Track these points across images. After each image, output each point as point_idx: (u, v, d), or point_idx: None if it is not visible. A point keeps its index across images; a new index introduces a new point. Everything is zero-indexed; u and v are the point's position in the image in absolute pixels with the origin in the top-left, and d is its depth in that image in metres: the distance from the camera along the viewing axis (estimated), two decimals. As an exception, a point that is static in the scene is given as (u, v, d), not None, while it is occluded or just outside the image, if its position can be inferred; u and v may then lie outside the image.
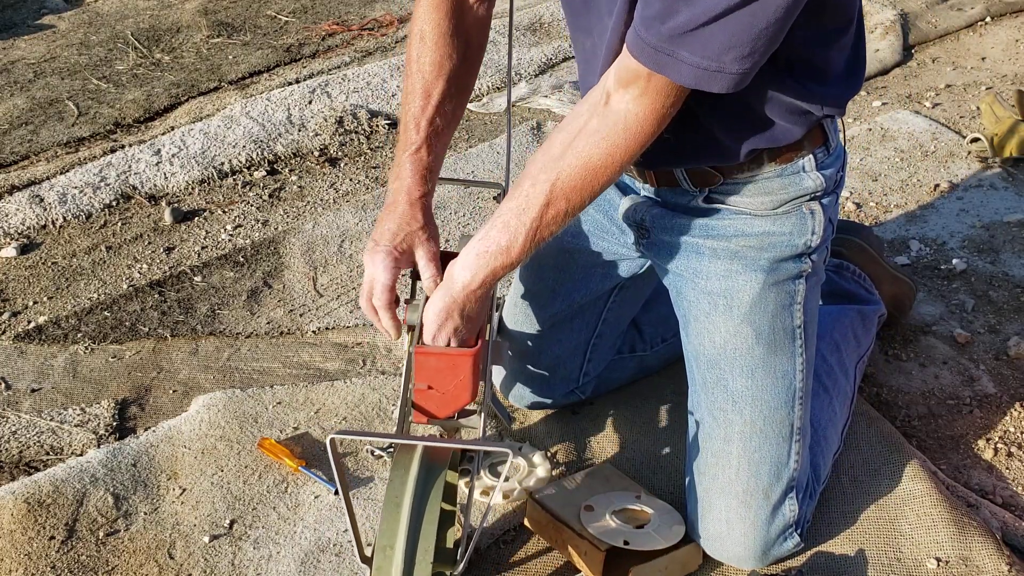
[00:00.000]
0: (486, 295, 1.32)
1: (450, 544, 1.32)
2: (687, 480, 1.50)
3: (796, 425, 1.45)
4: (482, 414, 1.41)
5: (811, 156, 1.41)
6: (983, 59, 3.20)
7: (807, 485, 1.50)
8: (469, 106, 2.98)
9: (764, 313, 1.43)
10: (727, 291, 1.44)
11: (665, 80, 1.18)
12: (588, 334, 1.70)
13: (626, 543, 1.41)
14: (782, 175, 1.41)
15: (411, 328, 1.36)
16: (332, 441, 1.20)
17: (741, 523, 1.42)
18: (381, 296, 1.35)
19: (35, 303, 2.14)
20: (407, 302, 1.43)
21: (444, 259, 1.40)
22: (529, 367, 1.70)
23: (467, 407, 1.40)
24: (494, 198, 2.43)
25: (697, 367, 1.48)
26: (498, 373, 1.75)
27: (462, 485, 1.61)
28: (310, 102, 2.91)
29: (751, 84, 1.19)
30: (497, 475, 1.62)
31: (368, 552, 1.28)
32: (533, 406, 1.77)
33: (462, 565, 1.28)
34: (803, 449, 1.46)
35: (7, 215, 2.39)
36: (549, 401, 1.75)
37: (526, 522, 1.53)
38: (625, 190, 1.57)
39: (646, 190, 1.51)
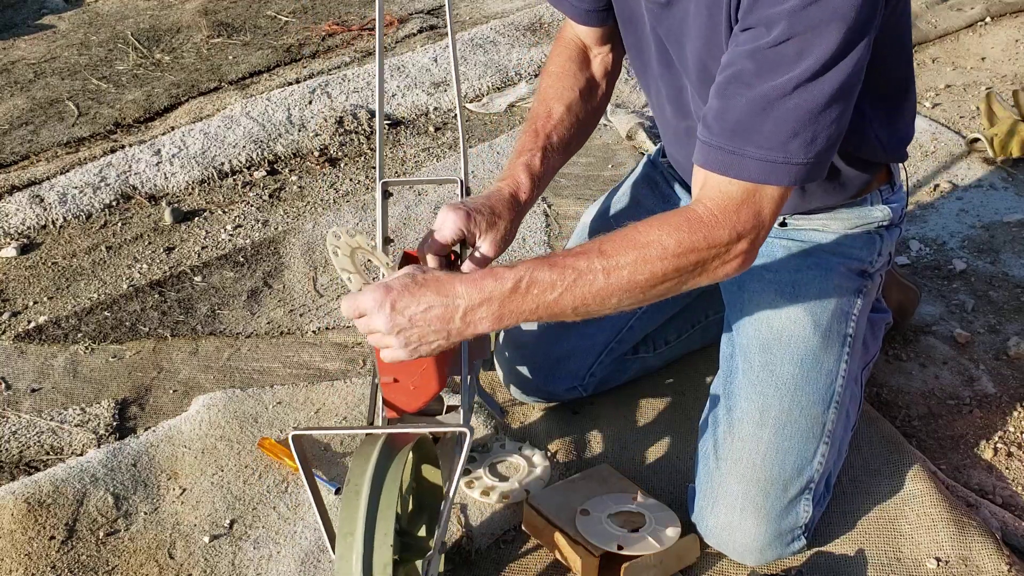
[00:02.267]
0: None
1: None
2: (700, 465, 1.50)
3: (828, 428, 1.47)
4: (460, 410, 1.40)
5: (877, 192, 1.56)
6: (983, 59, 3.20)
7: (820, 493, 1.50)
8: (469, 106, 2.99)
9: (826, 308, 1.50)
10: (796, 281, 1.51)
11: (732, 185, 1.19)
12: (610, 336, 1.71)
13: (620, 548, 1.40)
14: (851, 207, 1.55)
15: None
16: (296, 439, 1.20)
17: (755, 512, 1.42)
18: (432, 245, 1.34)
19: (35, 303, 2.14)
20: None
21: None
22: (539, 356, 1.70)
23: (452, 404, 1.41)
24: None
25: (744, 354, 1.50)
26: (497, 366, 1.76)
27: (463, 483, 1.61)
28: (310, 102, 2.91)
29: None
30: (497, 475, 1.62)
31: None
32: (534, 398, 1.76)
33: (435, 552, 1.28)
34: (828, 454, 1.47)
35: (7, 215, 2.39)
36: (551, 393, 1.74)
37: (523, 526, 1.53)
38: None
39: None
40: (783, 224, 1.58)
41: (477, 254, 1.37)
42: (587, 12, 1.52)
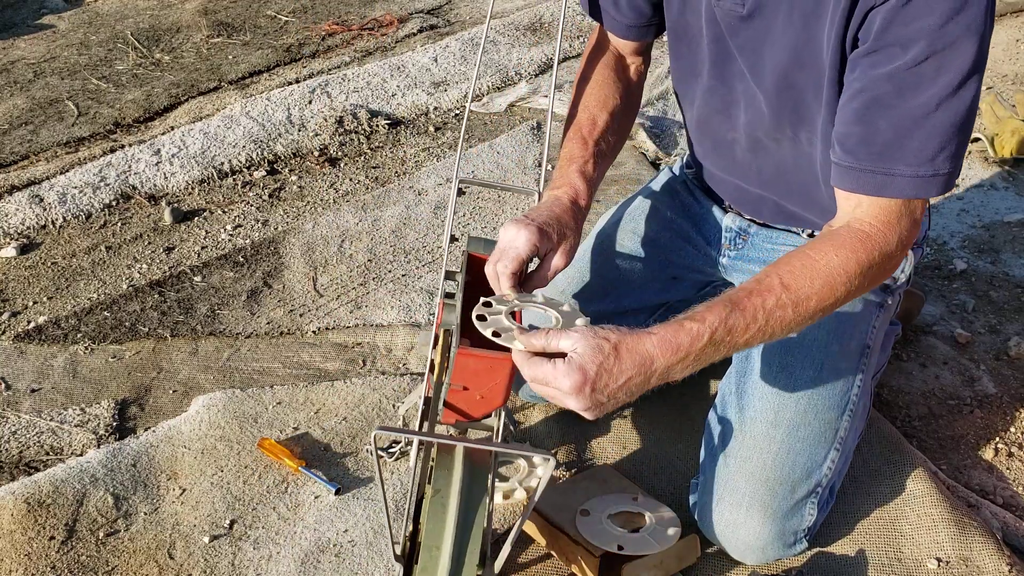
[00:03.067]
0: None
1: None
2: (706, 462, 1.50)
3: (840, 435, 1.48)
4: (501, 416, 1.41)
5: None
6: (983, 59, 3.20)
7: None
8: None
9: (849, 318, 1.51)
10: None
11: (888, 201, 1.24)
12: None
13: (620, 548, 1.40)
14: None
15: (447, 330, 1.36)
16: (375, 437, 1.17)
17: (761, 511, 1.42)
18: (509, 264, 1.29)
19: (35, 303, 2.14)
20: (445, 299, 1.43)
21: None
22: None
23: None
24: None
25: (762, 355, 1.50)
26: None
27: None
28: (310, 102, 2.91)
29: None
30: (497, 475, 1.62)
31: (397, 550, 1.28)
32: (536, 398, 1.77)
33: (497, 565, 1.28)
34: (838, 461, 1.48)
35: (7, 215, 2.39)
36: None
37: (524, 527, 1.53)
38: (727, 209, 1.67)
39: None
40: (812, 236, 1.60)
41: (550, 265, 1.35)
42: (628, 27, 1.54)
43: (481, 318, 1.22)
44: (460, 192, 1.52)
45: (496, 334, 1.18)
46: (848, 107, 1.25)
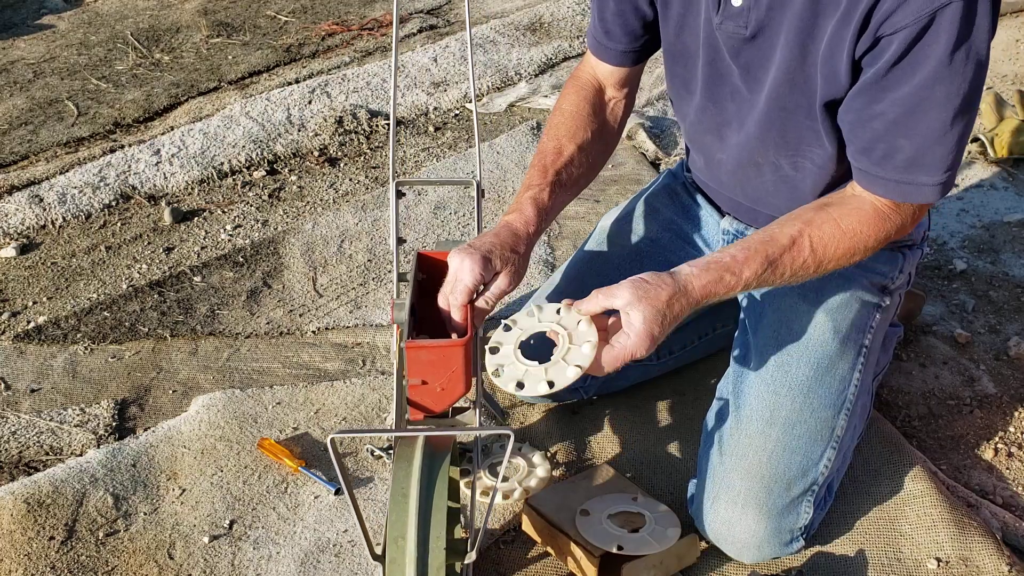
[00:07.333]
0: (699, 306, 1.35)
1: (457, 537, 1.32)
2: (703, 461, 1.51)
3: (837, 433, 1.48)
4: (477, 409, 1.41)
5: None
6: (983, 59, 3.20)
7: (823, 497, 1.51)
8: (469, 105, 2.99)
9: (846, 316, 1.53)
10: (819, 287, 1.54)
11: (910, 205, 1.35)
12: None
13: (620, 548, 1.41)
14: None
15: (399, 326, 1.37)
16: (332, 441, 1.17)
17: (757, 508, 1.43)
18: (459, 296, 1.36)
19: (35, 303, 2.14)
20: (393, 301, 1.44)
21: (429, 261, 1.43)
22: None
23: (460, 404, 1.41)
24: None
25: (759, 353, 1.52)
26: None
27: (463, 483, 1.61)
28: (310, 102, 2.91)
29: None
30: (496, 475, 1.62)
31: (378, 550, 1.28)
32: (536, 399, 1.77)
33: (473, 554, 1.28)
34: (834, 459, 1.48)
35: (7, 215, 2.39)
36: (552, 393, 1.74)
37: (523, 527, 1.53)
38: (725, 213, 1.69)
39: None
40: None
41: (494, 290, 1.39)
42: (623, 53, 1.56)
43: (496, 373, 1.29)
44: (400, 194, 1.54)
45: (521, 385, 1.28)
46: (868, 126, 1.31)
